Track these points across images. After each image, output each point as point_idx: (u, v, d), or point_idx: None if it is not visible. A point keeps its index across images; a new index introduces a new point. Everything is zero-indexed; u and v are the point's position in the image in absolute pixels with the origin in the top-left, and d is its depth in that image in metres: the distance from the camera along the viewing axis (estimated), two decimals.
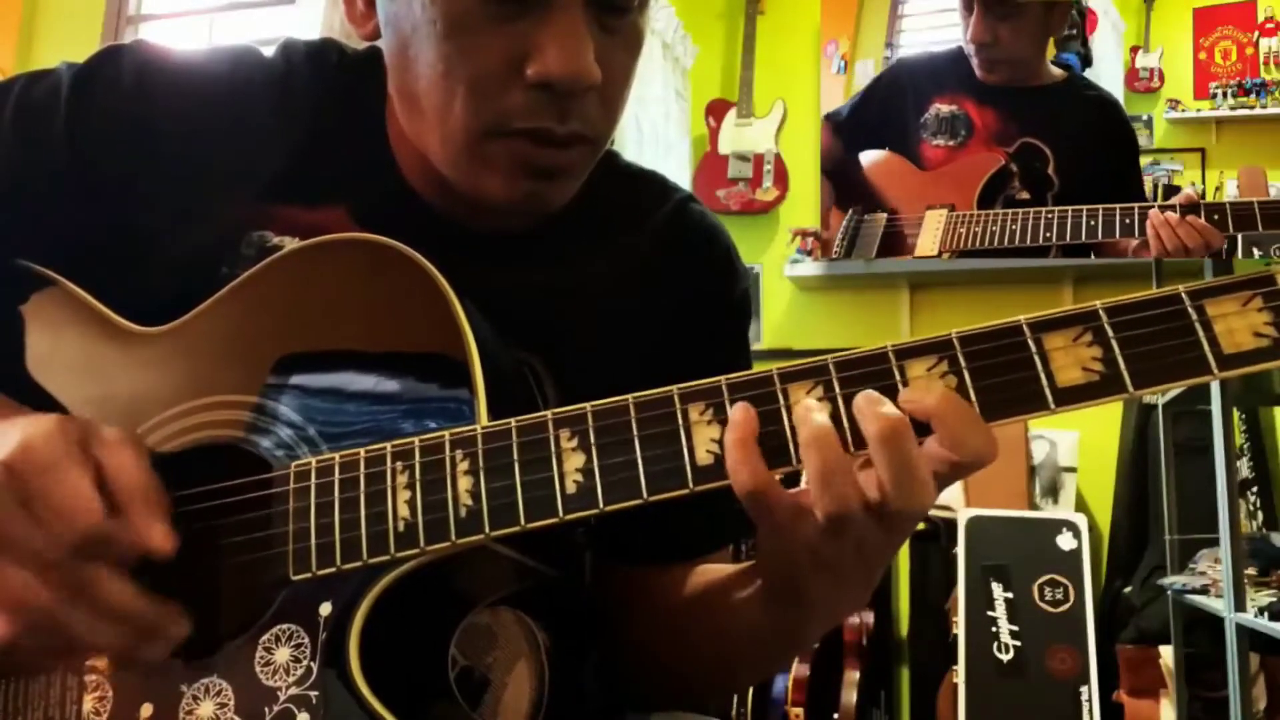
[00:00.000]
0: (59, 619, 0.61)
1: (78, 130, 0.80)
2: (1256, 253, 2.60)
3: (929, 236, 2.48)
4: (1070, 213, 2.24)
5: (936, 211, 2.50)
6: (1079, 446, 3.33)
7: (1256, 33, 3.12)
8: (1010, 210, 2.37)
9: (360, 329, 0.72)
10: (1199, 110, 3.14)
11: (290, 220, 0.81)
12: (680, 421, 0.63)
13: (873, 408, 0.59)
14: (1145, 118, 3.13)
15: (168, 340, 0.76)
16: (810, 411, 0.60)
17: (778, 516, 0.62)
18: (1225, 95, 3.11)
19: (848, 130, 2.86)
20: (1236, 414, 3.00)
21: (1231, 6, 3.13)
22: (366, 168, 0.83)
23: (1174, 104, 3.15)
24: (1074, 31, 2.82)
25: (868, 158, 2.69)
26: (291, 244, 0.79)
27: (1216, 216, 2.01)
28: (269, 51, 0.87)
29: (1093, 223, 2.19)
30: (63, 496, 0.61)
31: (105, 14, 4.23)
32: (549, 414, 0.65)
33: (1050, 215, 2.27)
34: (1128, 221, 2.20)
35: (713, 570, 0.84)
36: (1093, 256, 2.32)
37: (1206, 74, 3.13)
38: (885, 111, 2.73)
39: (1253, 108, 3.10)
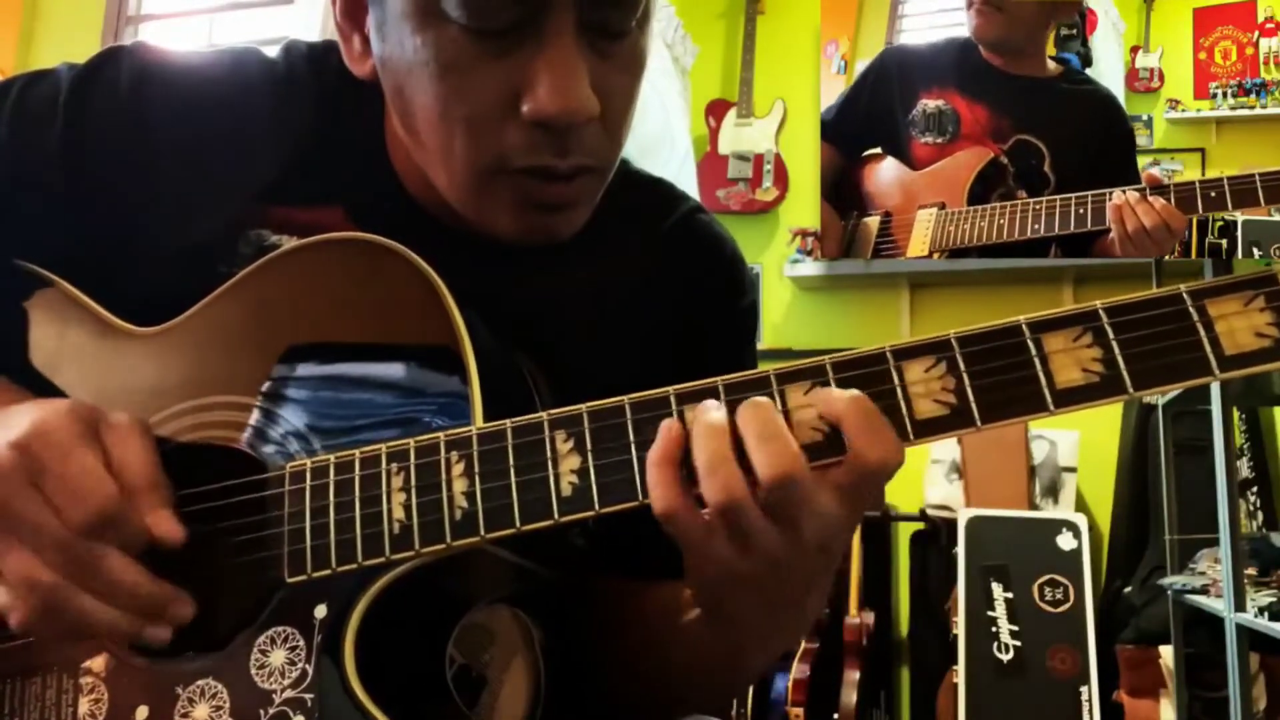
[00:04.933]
0: (67, 599, 0.62)
1: (75, 132, 0.80)
2: (1257, 252, 2.60)
3: (919, 237, 2.47)
4: (1059, 203, 2.21)
5: (926, 211, 2.48)
6: (1079, 446, 3.33)
7: (1256, 33, 3.11)
8: (998, 205, 2.34)
9: (356, 328, 0.72)
10: (1199, 110, 3.13)
11: (288, 220, 0.81)
12: None
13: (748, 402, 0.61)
14: (1145, 118, 3.12)
15: (163, 340, 0.76)
16: (707, 410, 0.61)
17: (692, 537, 0.62)
18: (1225, 95, 3.10)
19: (836, 131, 2.84)
20: (1236, 414, 2.99)
21: (1231, 6, 3.13)
22: (364, 170, 0.83)
23: (1174, 104, 3.14)
24: (1074, 31, 2.81)
25: (858, 162, 2.67)
26: (289, 243, 0.79)
27: (1214, 194, 1.96)
28: (271, 52, 0.87)
29: (1081, 211, 2.16)
30: (75, 475, 0.63)
31: (105, 14, 4.22)
32: (544, 415, 0.64)
33: (1039, 207, 2.24)
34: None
35: (666, 592, 0.83)
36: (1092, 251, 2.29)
37: (1206, 74, 3.13)
38: (873, 108, 2.70)
39: (1253, 108, 3.09)
